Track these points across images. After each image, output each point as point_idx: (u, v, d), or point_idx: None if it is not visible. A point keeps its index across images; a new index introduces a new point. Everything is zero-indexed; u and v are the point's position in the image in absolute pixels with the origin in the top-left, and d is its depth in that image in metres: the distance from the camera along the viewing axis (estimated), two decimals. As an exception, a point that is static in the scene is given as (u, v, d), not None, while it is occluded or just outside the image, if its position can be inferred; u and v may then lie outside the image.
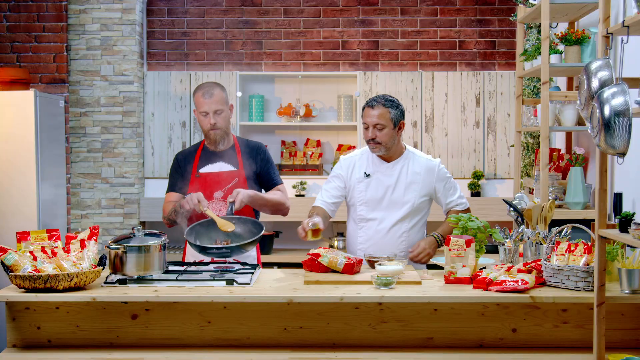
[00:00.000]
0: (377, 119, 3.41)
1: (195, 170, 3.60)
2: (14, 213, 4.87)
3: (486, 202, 5.69)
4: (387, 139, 3.44)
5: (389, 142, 3.47)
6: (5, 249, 2.94)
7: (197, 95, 3.54)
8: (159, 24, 6.02)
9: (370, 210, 3.56)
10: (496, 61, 5.99)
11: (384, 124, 3.42)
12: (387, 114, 3.42)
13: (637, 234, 2.54)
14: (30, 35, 5.55)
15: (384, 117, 3.41)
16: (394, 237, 3.54)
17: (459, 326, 2.92)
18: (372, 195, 3.55)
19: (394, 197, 3.54)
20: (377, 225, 3.55)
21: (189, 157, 3.65)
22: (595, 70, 2.70)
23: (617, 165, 3.92)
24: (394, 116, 3.43)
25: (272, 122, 5.94)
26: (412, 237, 3.58)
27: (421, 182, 3.54)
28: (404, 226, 3.55)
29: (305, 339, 2.93)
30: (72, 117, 5.66)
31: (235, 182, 3.56)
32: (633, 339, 2.92)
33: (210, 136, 3.55)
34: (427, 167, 3.56)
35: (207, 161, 3.61)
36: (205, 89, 3.53)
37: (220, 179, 3.56)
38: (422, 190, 3.55)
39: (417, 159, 3.57)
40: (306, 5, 6.01)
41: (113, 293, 2.89)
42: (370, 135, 3.45)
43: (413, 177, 3.53)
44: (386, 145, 3.47)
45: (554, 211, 3.45)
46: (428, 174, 3.55)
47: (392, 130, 3.45)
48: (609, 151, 2.59)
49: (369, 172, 3.55)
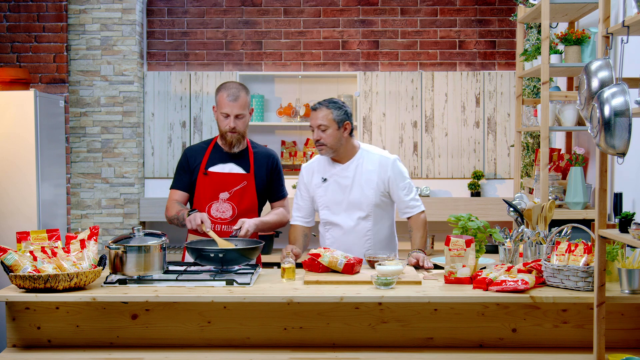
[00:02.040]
0: (319, 120, 3.45)
1: (204, 167, 3.58)
2: (14, 213, 4.87)
3: (486, 202, 5.69)
4: (331, 140, 3.46)
5: (335, 143, 3.48)
6: (5, 249, 2.94)
7: (221, 95, 3.50)
8: (159, 24, 6.02)
9: (332, 214, 3.60)
10: (496, 61, 5.99)
11: (327, 125, 3.45)
12: (330, 114, 3.45)
13: (637, 234, 2.54)
14: (30, 35, 5.55)
15: (326, 118, 3.45)
16: (358, 236, 3.56)
17: (459, 326, 2.92)
18: (331, 198, 3.58)
19: (352, 198, 3.55)
20: (341, 226, 3.58)
21: (199, 154, 3.62)
22: (595, 70, 2.70)
23: (617, 165, 3.92)
24: (337, 117, 3.45)
25: (272, 122, 5.94)
26: (378, 235, 3.59)
27: (376, 179, 3.53)
28: (367, 225, 3.56)
29: (305, 339, 2.93)
30: (72, 117, 5.66)
31: (243, 184, 3.55)
32: (633, 339, 2.92)
33: (227, 138, 3.54)
34: (380, 162, 3.55)
35: (217, 160, 3.59)
36: (230, 90, 3.50)
37: (228, 180, 3.55)
38: (379, 186, 3.54)
39: (371, 156, 3.57)
40: (306, 5, 6.01)
41: (113, 293, 2.89)
42: (315, 137, 3.49)
43: (367, 175, 3.54)
44: (332, 147, 3.48)
45: (554, 211, 3.45)
46: (381, 169, 3.54)
47: (336, 131, 3.46)
48: (609, 151, 2.59)
49: (326, 177, 3.59)
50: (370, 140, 5.83)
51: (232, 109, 3.48)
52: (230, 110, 3.48)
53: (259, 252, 3.28)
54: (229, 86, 3.53)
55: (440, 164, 5.88)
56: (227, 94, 3.48)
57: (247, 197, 3.57)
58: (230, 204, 3.53)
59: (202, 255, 3.16)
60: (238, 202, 3.54)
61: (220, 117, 3.52)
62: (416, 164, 5.87)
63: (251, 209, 3.59)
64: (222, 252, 3.14)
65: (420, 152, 5.88)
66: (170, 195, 3.64)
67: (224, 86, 3.54)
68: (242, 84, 3.58)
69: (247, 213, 3.55)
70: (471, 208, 5.61)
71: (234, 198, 3.54)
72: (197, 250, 3.18)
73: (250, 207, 3.58)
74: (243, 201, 3.55)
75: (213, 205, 3.53)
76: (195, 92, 5.90)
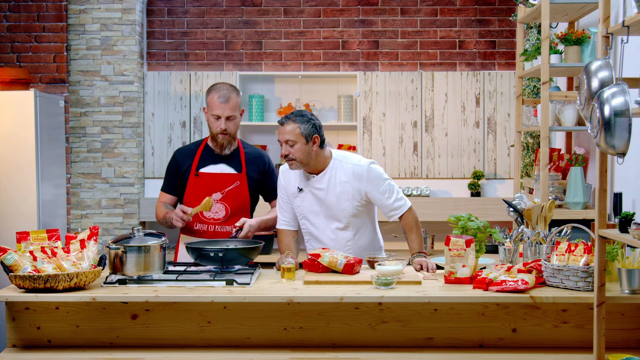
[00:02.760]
0: (287, 135, 3.33)
1: (195, 169, 3.59)
2: (14, 213, 4.87)
3: (486, 202, 5.69)
4: (300, 154, 3.34)
5: (304, 158, 3.35)
6: (5, 249, 2.94)
7: (212, 97, 3.48)
8: (159, 24, 6.02)
9: (310, 224, 3.51)
10: (496, 61, 5.99)
11: (294, 140, 3.32)
12: (297, 129, 3.33)
13: (637, 234, 2.54)
14: (30, 35, 5.55)
15: (293, 132, 3.33)
16: (339, 247, 3.47)
17: (459, 326, 2.92)
18: (308, 209, 3.49)
19: (328, 209, 3.45)
20: (320, 236, 3.50)
21: (188, 155, 3.62)
22: (595, 70, 2.70)
23: (617, 165, 3.92)
24: (305, 130, 3.33)
25: (272, 122, 5.94)
26: (359, 243, 3.52)
27: (351, 190, 3.41)
28: (347, 235, 3.48)
29: (305, 339, 2.93)
30: (72, 117, 5.66)
31: (236, 185, 3.55)
32: (633, 339, 2.92)
33: (218, 139, 3.53)
34: (353, 172, 3.42)
35: (208, 161, 3.59)
36: (221, 92, 3.48)
37: (220, 180, 3.55)
38: (355, 197, 3.43)
39: (344, 167, 3.43)
40: (306, 5, 6.01)
41: (113, 293, 2.89)
42: (283, 152, 3.38)
43: (342, 186, 3.41)
44: (302, 161, 3.36)
45: (554, 211, 3.45)
46: (356, 179, 3.41)
47: (304, 146, 3.34)
48: (609, 151, 2.59)
49: (302, 187, 3.48)
50: (370, 141, 5.83)
51: (223, 111, 3.47)
52: (222, 111, 3.47)
53: (259, 252, 3.28)
54: (219, 87, 3.51)
55: (440, 164, 5.88)
56: (218, 96, 3.47)
57: (240, 197, 3.57)
58: (223, 204, 3.54)
59: (202, 255, 3.16)
60: (231, 202, 3.54)
61: (211, 119, 3.51)
62: (416, 164, 5.87)
63: (244, 209, 3.59)
64: (222, 251, 3.14)
65: (420, 152, 5.88)
66: (159, 197, 3.67)
67: (215, 87, 3.52)
68: (233, 85, 3.56)
69: (240, 213, 3.56)
70: (471, 208, 5.60)
71: (226, 198, 3.54)
72: (197, 250, 3.19)
73: (243, 207, 3.58)
74: (236, 201, 3.55)
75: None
76: (195, 92, 5.90)
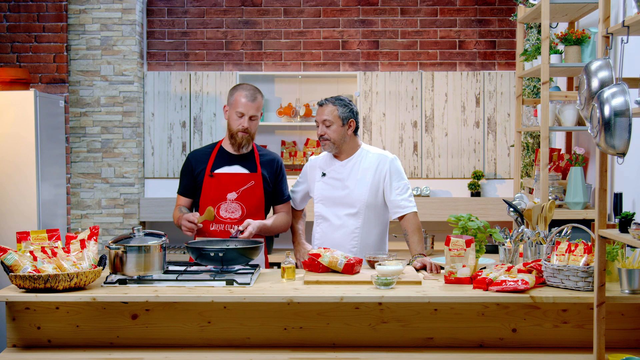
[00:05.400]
0: (325, 115, 3.55)
1: (209, 170, 3.60)
2: (14, 213, 4.87)
3: (486, 202, 5.69)
4: (335, 135, 3.55)
5: (338, 139, 3.56)
6: (5, 249, 2.94)
7: (239, 95, 3.54)
8: (159, 24, 6.02)
9: (324, 207, 3.67)
10: (496, 61, 5.99)
11: (332, 121, 3.54)
12: (335, 111, 3.54)
13: (637, 234, 2.54)
14: (30, 35, 5.55)
15: (331, 114, 3.54)
16: (346, 232, 3.60)
17: (459, 326, 2.92)
18: (326, 193, 3.66)
19: (345, 194, 3.61)
20: (330, 221, 3.64)
21: (202, 158, 3.65)
22: (595, 70, 2.70)
23: (617, 165, 3.92)
24: (342, 114, 3.55)
25: (272, 122, 5.94)
26: (367, 238, 3.60)
27: (371, 178, 3.59)
28: (356, 223, 3.60)
29: (305, 339, 2.93)
30: (72, 117, 5.66)
31: (251, 184, 3.57)
32: (633, 339, 2.92)
33: (238, 137, 3.57)
34: (377, 161, 3.61)
35: (222, 163, 3.62)
36: (248, 92, 3.55)
37: (234, 180, 3.57)
38: (373, 186, 3.59)
39: (370, 156, 3.64)
40: (306, 5, 6.01)
41: (113, 293, 2.89)
42: (319, 132, 3.59)
43: (363, 173, 3.60)
44: (335, 142, 3.57)
45: (554, 211, 3.45)
46: (378, 167, 3.60)
47: (340, 128, 3.56)
48: (609, 151, 2.59)
49: (325, 172, 3.67)
50: (370, 141, 5.83)
51: (249, 110, 3.53)
52: (247, 110, 3.53)
53: (259, 252, 3.28)
54: (246, 87, 3.59)
55: (440, 164, 5.88)
56: (245, 94, 3.54)
57: (255, 197, 3.58)
58: (239, 203, 3.55)
59: (202, 254, 3.16)
60: (247, 202, 3.56)
61: (234, 116, 3.55)
62: (416, 164, 5.87)
63: (259, 209, 3.60)
64: (222, 251, 3.14)
65: (420, 152, 5.88)
66: (176, 200, 3.71)
67: (241, 86, 3.60)
68: (258, 88, 3.63)
69: (256, 213, 3.58)
70: (471, 208, 5.60)
71: (242, 198, 3.55)
72: (197, 249, 3.19)
73: (258, 206, 3.60)
74: (251, 200, 3.57)
75: (222, 206, 3.54)
76: (195, 92, 5.90)
